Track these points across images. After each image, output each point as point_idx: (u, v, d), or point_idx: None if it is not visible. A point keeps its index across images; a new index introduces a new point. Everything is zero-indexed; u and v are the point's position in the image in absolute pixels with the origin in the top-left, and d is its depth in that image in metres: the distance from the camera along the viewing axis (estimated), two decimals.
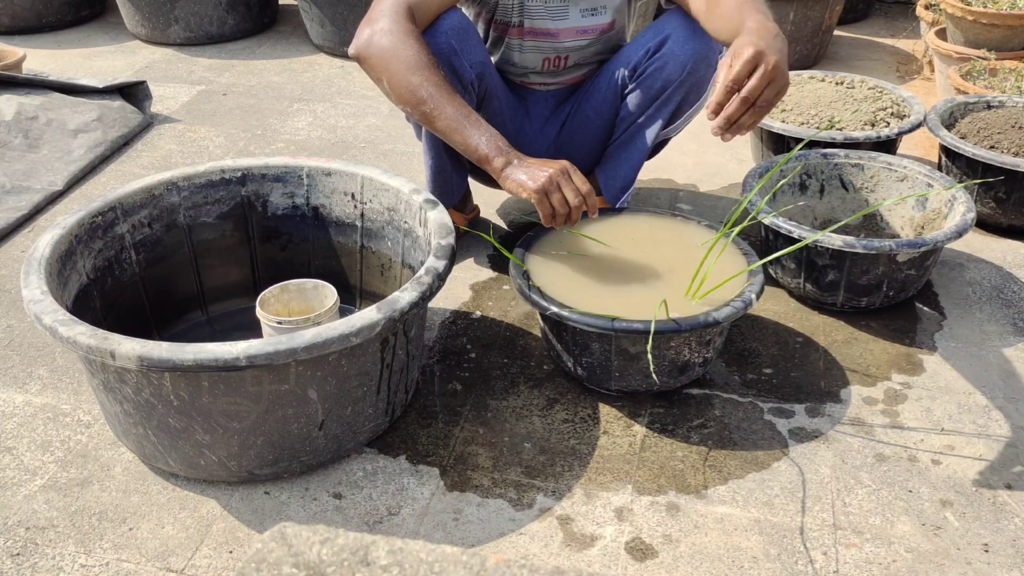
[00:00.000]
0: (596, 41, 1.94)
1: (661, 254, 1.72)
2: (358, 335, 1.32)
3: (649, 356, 1.47)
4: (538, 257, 1.69)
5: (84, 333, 1.28)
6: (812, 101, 2.39)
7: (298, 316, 1.62)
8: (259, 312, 1.60)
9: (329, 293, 1.67)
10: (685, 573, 1.33)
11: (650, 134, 1.93)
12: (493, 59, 1.97)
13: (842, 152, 2.09)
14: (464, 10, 1.95)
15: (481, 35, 1.97)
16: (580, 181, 1.61)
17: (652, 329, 1.46)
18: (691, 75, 1.84)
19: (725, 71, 1.40)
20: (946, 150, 2.23)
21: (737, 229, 1.61)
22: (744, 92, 1.39)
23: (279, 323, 1.57)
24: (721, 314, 1.51)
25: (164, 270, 1.75)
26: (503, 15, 1.89)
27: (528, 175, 1.60)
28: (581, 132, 2.02)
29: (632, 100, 1.92)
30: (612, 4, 1.90)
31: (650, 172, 2.50)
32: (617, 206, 2.03)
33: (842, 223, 1.69)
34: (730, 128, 1.41)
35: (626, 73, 1.91)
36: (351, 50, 1.69)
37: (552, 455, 1.55)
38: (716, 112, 1.41)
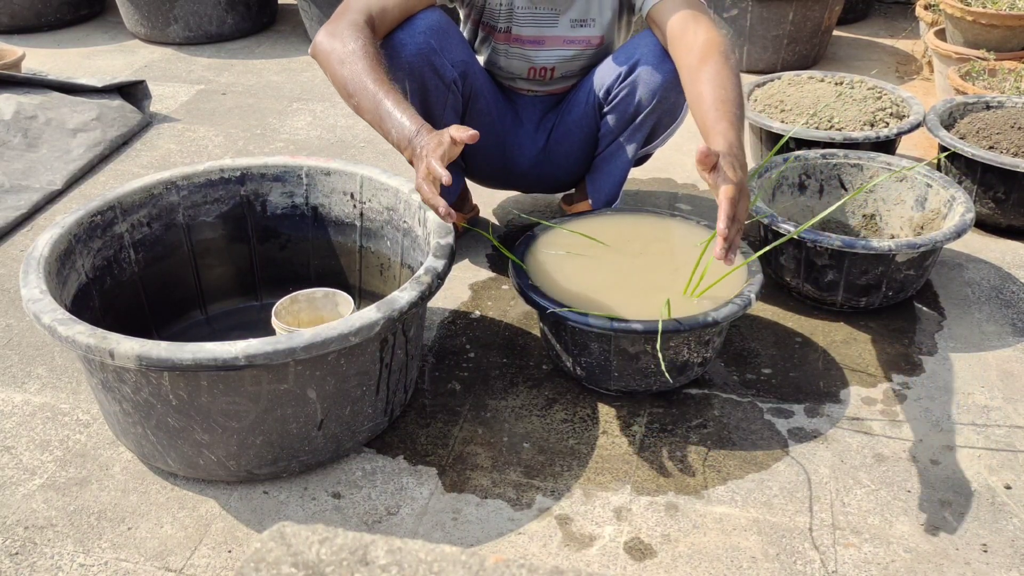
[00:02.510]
0: (582, 55, 1.92)
1: (661, 254, 1.72)
2: (357, 335, 1.31)
3: (660, 354, 1.47)
4: (538, 257, 1.69)
5: (83, 332, 1.28)
6: (811, 101, 2.39)
7: (310, 326, 1.61)
8: (275, 323, 1.60)
9: (342, 300, 1.67)
10: (684, 573, 1.33)
11: (630, 151, 1.93)
12: (480, 59, 1.96)
13: (841, 152, 2.09)
14: (459, 11, 1.94)
15: (469, 35, 1.96)
16: (429, 167, 1.44)
17: (660, 328, 1.46)
18: (662, 102, 1.83)
19: (727, 206, 1.37)
20: (945, 150, 2.23)
21: None
22: (738, 224, 1.39)
23: None
24: (720, 314, 1.51)
25: (163, 269, 1.74)
26: (490, 18, 1.88)
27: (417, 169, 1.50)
28: (566, 143, 2.02)
29: (609, 121, 1.91)
30: (602, 20, 1.88)
31: (650, 172, 2.50)
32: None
33: (820, 216, 1.68)
34: (732, 249, 1.40)
35: (600, 95, 1.90)
36: (309, 52, 1.71)
37: (551, 455, 1.54)
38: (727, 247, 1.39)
